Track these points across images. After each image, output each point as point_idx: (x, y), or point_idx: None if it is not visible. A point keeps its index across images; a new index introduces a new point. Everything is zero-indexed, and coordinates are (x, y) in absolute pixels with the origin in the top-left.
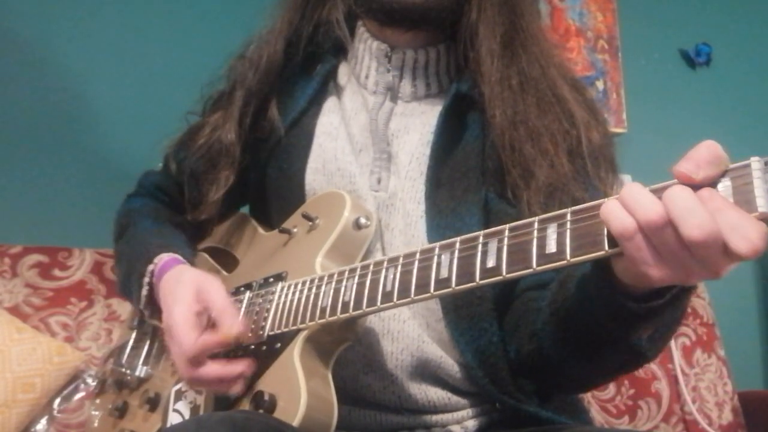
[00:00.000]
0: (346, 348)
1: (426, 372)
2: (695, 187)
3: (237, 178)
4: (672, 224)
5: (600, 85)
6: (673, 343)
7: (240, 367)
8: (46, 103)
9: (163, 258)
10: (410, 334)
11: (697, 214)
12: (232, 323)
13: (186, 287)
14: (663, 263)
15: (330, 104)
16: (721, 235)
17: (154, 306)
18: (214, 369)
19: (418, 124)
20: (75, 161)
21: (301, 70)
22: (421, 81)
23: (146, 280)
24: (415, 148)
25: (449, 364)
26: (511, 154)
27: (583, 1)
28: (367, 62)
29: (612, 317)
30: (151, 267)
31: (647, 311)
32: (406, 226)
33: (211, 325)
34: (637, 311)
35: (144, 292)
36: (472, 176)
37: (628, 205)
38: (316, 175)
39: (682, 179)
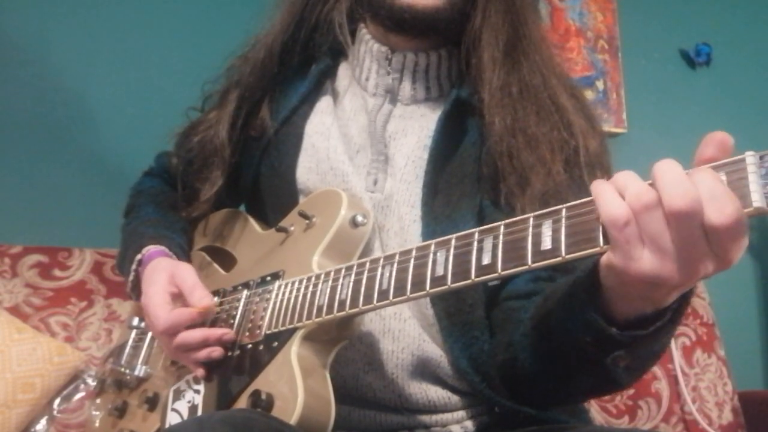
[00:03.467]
0: (346, 347)
1: (426, 371)
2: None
3: (227, 178)
4: (660, 203)
5: (600, 85)
6: (673, 343)
7: (220, 330)
8: (45, 103)
9: (150, 249)
10: (411, 333)
11: (682, 184)
12: (201, 297)
13: (161, 273)
14: (650, 253)
15: (323, 104)
16: (702, 205)
17: (139, 291)
18: (198, 332)
19: (416, 128)
20: (75, 161)
21: (297, 70)
22: (421, 84)
23: (133, 267)
24: (412, 151)
25: (448, 365)
26: (508, 161)
27: (583, 1)
28: (367, 64)
29: (591, 340)
30: (138, 256)
31: (628, 339)
32: (401, 229)
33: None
34: (618, 338)
35: (131, 277)
36: (468, 183)
37: (620, 188)
38: (309, 174)
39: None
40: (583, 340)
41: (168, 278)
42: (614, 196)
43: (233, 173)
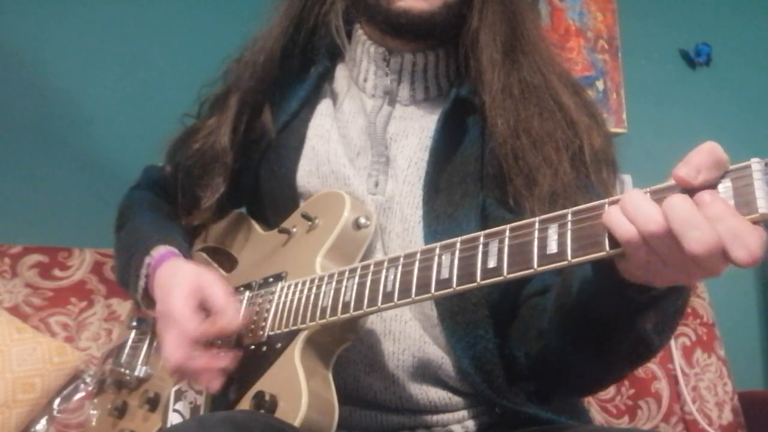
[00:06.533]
0: (347, 348)
1: (427, 373)
2: (695, 189)
3: (229, 184)
4: (672, 235)
5: (600, 85)
6: (673, 343)
7: (225, 361)
8: (45, 103)
9: (160, 251)
10: (412, 335)
11: (697, 226)
12: (234, 315)
13: (184, 279)
14: (665, 267)
15: (323, 107)
16: (722, 245)
17: (149, 298)
18: (202, 359)
19: (416, 128)
20: (75, 161)
21: (297, 73)
22: (420, 84)
23: (143, 272)
24: (414, 152)
25: (449, 366)
26: (514, 162)
27: (583, 1)
28: (365, 65)
29: (615, 307)
30: (148, 259)
31: (649, 299)
32: (404, 230)
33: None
34: (639, 299)
35: (141, 283)
36: (471, 181)
37: (629, 215)
38: (310, 178)
39: (681, 184)
40: (606, 306)
41: (193, 286)
42: (625, 222)
43: (234, 179)
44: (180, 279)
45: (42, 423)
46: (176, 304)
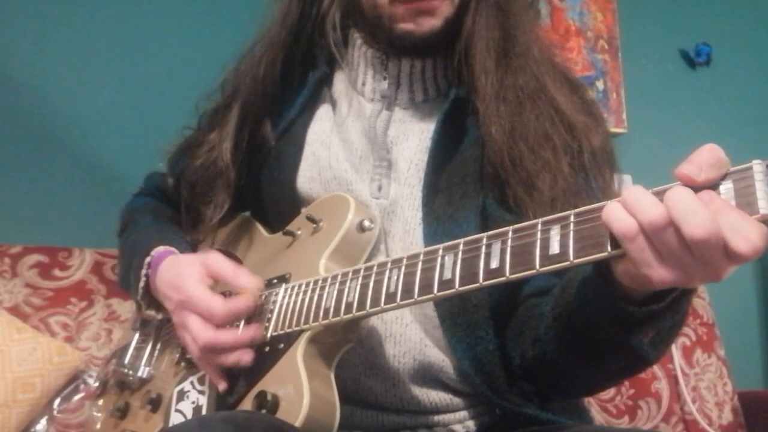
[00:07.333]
0: (348, 350)
1: (428, 375)
2: (696, 189)
3: (233, 199)
4: (674, 225)
5: (600, 85)
6: (673, 343)
7: (252, 330)
8: (46, 103)
9: (159, 250)
10: (413, 338)
11: (699, 213)
12: (250, 278)
13: (191, 266)
14: (664, 265)
15: (322, 111)
16: (722, 235)
17: (150, 297)
18: (230, 333)
19: (416, 130)
20: (75, 162)
21: (296, 80)
22: (419, 87)
23: (143, 271)
24: (414, 154)
25: (450, 368)
26: (512, 169)
27: (583, 1)
28: (362, 69)
29: (612, 321)
30: (148, 259)
31: (647, 315)
32: (405, 233)
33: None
34: (637, 315)
35: (141, 283)
36: (470, 182)
37: (629, 207)
38: (311, 184)
39: (683, 181)
40: (603, 321)
41: (203, 270)
42: (625, 215)
43: (238, 193)
44: (188, 268)
45: (42, 423)
46: (194, 289)
